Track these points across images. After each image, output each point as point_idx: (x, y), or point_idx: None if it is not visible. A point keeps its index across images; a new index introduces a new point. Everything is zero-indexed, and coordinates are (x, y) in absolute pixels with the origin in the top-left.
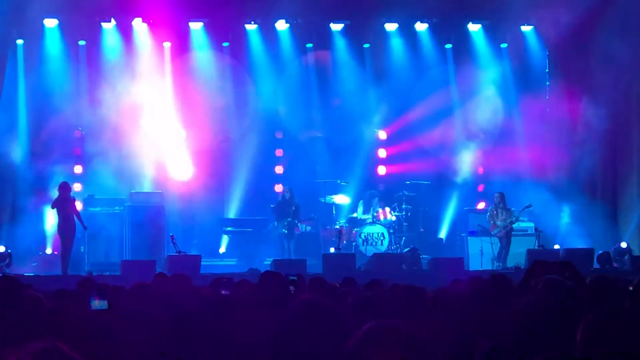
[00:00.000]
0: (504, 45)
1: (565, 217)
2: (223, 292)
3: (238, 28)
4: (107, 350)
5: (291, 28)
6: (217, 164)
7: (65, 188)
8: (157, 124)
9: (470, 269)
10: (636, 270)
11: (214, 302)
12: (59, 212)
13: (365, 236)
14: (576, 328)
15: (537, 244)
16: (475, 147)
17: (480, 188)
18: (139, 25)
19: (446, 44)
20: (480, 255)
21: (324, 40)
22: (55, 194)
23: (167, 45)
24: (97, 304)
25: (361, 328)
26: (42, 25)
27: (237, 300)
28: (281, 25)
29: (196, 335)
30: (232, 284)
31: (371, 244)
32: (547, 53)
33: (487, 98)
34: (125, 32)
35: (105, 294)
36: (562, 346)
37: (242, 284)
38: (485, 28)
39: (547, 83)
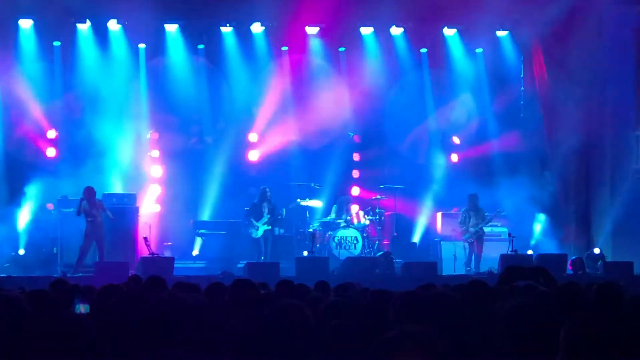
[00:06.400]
0: (479, 50)
1: (538, 222)
2: (192, 295)
3: (213, 30)
4: (78, 351)
5: (266, 31)
6: (191, 166)
7: (91, 192)
8: (132, 126)
9: (444, 274)
10: (609, 276)
11: (182, 305)
12: (88, 217)
13: (338, 240)
14: (550, 332)
15: (510, 249)
16: (450, 151)
17: (453, 192)
18: (114, 26)
19: (421, 48)
20: (453, 259)
21: (300, 43)
22: (31, 195)
23: (142, 46)
24: (80, 308)
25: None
26: (17, 25)
27: (207, 304)
28: (256, 28)
29: (163, 338)
30: (202, 287)
31: (345, 248)
32: (522, 58)
33: (462, 102)
34: (101, 33)
35: (87, 298)
36: (537, 351)
37: (214, 287)
38: (460, 33)
39: (522, 88)
